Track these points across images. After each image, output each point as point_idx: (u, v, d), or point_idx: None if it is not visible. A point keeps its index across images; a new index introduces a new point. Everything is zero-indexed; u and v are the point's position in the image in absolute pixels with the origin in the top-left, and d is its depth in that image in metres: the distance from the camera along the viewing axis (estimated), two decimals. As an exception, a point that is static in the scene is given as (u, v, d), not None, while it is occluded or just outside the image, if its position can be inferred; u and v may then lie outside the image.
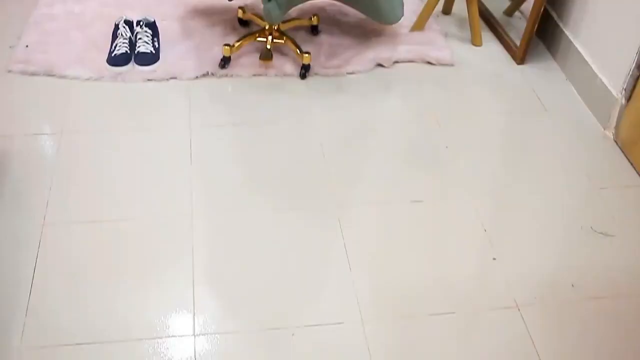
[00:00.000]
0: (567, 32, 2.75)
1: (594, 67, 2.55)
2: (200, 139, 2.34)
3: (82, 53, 2.69)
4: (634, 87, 2.33)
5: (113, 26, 2.77)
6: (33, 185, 2.12)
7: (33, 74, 2.59)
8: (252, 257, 1.95)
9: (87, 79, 2.58)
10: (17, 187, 2.12)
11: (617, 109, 2.42)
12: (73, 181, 2.16)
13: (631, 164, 2.35)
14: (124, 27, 2.72)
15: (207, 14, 2.95)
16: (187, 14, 2.96)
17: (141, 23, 2.75)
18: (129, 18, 2.77)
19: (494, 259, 1.99)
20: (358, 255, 1.97)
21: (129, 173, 2.20)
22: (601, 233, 2.09)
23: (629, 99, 2.36)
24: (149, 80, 2.61)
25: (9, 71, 2.60)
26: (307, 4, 2.89)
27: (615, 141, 2.44)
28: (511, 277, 1.93)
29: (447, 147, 2.38)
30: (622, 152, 2.40)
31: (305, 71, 2.67)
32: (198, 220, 2.05)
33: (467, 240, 2.05)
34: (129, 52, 2.66)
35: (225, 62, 2.67)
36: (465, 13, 2.98)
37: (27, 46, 2.70)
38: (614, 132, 2.45)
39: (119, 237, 1.98)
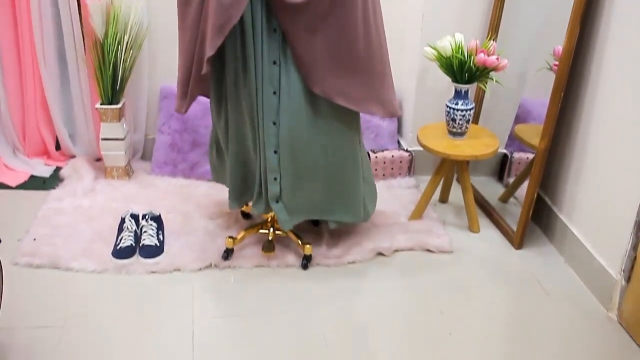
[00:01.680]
0: (561, 216, 2.82)
1: (590, 249, 2.59)
2: (203, 331, 2.33)
3: (88, 246, 2.74)
4: (632, 267, 2.35)
5: (119, 219, 2.84)
6: (31, 380, 2.09)
7: (38, 266, 2.63)
8: None
9: (92, 272, 2.61)
10: (15, 381, 2.08)
11: (618, 290, 2.42)
12: (72, 374, 2.12)
13: (638, 345, 2.32)
14: (129, 220, 2.80)
15: (211, 207, 3.03)
16: (191, 207, 3.06)
17: (146, 216, 2.83)
18: (135, 212, 2.86)
19: None
20: None
21: (130, 365, 2.17)
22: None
23: (628, 279, 2.38)
24: (152, 272, 2.63)
25: (15, 264, 2.63)
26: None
27: (620, 322, 2.42)
28: None
29: (450, 334, 2.36)
30: (628, 333, 2.37)
31: (306, 262, 2.70)
32: (198, 412, 1.99)
33: None
34: (133, 244, 2.71)
35: (228, 254, 2.71)
36: (461, 201, 3.07)
37: (34, 239, 2.76)
38: (617, 313, 2.44)
39: None
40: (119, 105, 3.23)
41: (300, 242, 2.72)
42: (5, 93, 3.37)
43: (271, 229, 2.76)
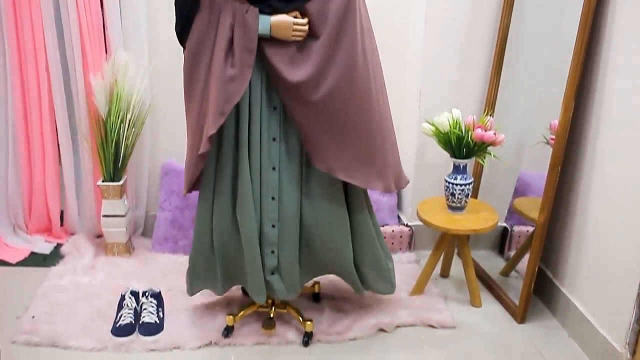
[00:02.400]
0: (563, 290, 2.80)
1: (594, 323, 2.57)
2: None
3: (87, 323, 2.71)
4: (637, 340, 2.33)
5: (119, 297, 2.83)
6: None
7: (37, 344, 2.59)
8: None
9: (91, 350, 2.57)
10: None
11: (624, 364, 2.40)
12: None
13: (646, 422, 2.28)
14: (130, 297, 2.79)
15: (212, 283, 3.02)
16: (191, 283, 3.04)
17: (147, 294, 2.81)
18: (135, 289, 2.84)
19: None
20: None
21: None
22: None
23: (633, 353, 2.35)
24: (152, 350, 2.60)
25: (13, 342, 2.60)
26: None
27: (627, 398, 2.39)
28: None
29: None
30: (636, 409, 2.33)
31: (307, 338, 2.67)
32: None
33: None
34: (133, 322, 2.69)
35: (228, 331, 2.68)
36: (462, 275, 3.06)
37: (33, 317, 2.74)
38: (623, 388, 2.40)
39: None
40: (120, 183, 3.26)
41: (301, 319, 2.69)
42: (14, 169, 3.41)
43: (272, 306, 2.74)
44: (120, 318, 2.70)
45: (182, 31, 2.32)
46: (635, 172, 2.32)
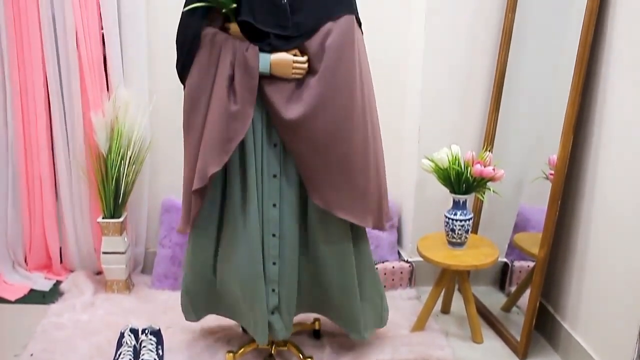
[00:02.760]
0: (565, 325, 2.79)
1: (596, 358, 2.55)
2: None
3: (85, 362, 2.70)
4: (640, 377, 2.32)
5: (119, 334, 2.81)
6: None
7: (35, 384, 2.59)
8: None
9: (89, 388, 2.57)
10: None
11: (627, 401, 2.37)
12: None
13: None
14: (129, 335, 2.77)
15: (211, 321, 3.00)
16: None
17: (146, 331, 2.80)
18: (135, 326, 2.82)
19: None
20: None
21: None
22: None
23: (636, 390, 2.34)
24: (151, 387, 2.59)
25: (12, 381, 2.60)
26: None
27: None
28: None
29: None
30: None
31: (309, 375, 2.66)
32: None
33: None
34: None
35: (228, 368, 2.67)
36: (463, 311, 3.05)
37: (31, 355, 2.72)
38: None
39: None
40: (120, 219, 3.26)
41: (301, 356, 2.67)
42: (14, 205, 3.41)
43: (272, 344, 2.72)
44: (119, 356, 2.68)
45: (183, 69, 2.35)
46: (636, 207, 2.32)
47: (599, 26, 2.52)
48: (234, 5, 2.25)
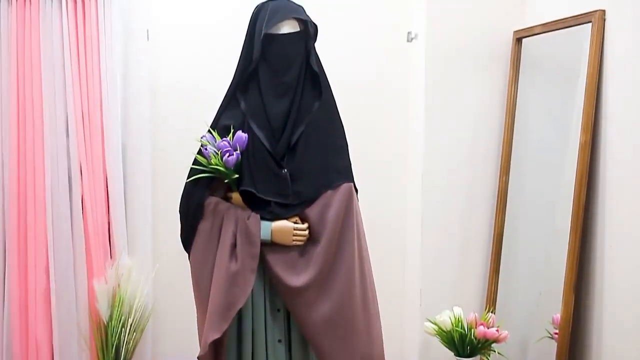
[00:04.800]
0: None
1: None
2: None
3: None
4: None
5: None
6: None
7: None
8: None
9: None
10: None
11: None
12: None
13: None
14: None
15: None
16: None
17: None
18: None
19: None
20: None
21: None
22: None
23: None
24: None
25: None
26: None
27: None
28: None
29: None
30: None
31: None
32: None
33: None
34: None
35: None
36: None
37: None
38: None
39: None
40: (120, 388, 3.19)
41: None
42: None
43: None
44: None
45: (187, 239, 2.39)
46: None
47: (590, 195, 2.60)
48: (237, 175, 2.32)
